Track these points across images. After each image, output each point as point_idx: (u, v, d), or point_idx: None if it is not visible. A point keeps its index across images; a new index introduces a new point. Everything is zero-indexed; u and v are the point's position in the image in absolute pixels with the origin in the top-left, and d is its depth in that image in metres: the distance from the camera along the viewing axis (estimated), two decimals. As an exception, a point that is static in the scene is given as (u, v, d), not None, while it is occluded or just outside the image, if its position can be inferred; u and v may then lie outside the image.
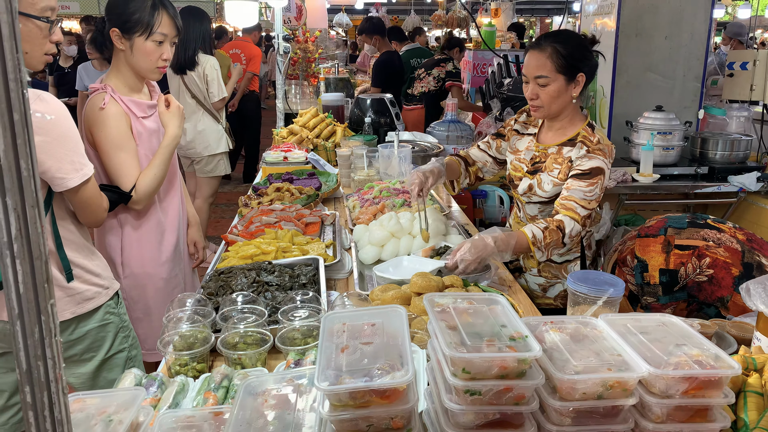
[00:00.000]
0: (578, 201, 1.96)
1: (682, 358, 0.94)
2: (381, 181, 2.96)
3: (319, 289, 1.73)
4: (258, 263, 1.87)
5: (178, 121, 2.15)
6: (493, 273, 1.95)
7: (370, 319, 1.04)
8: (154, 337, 2.22)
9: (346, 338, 1.00)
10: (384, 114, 4.02)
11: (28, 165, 0.74)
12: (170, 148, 2.13)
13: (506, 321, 1.00)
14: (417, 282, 1.64)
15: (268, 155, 3.49)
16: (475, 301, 1.06)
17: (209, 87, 4.29)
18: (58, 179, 1.59)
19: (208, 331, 1.45)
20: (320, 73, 6.24)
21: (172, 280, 2.26)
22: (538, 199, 2.15)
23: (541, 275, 2.26)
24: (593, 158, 1.98)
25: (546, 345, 0.99)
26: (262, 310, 1.52)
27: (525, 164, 2.22)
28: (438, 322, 0.99)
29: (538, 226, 1.95)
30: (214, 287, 1.73)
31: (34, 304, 0.77)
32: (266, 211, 2.45)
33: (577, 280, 1.55)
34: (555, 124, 2.15)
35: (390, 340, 0.98)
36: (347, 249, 2.29)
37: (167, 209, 2.25)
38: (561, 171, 2.07)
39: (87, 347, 1.83)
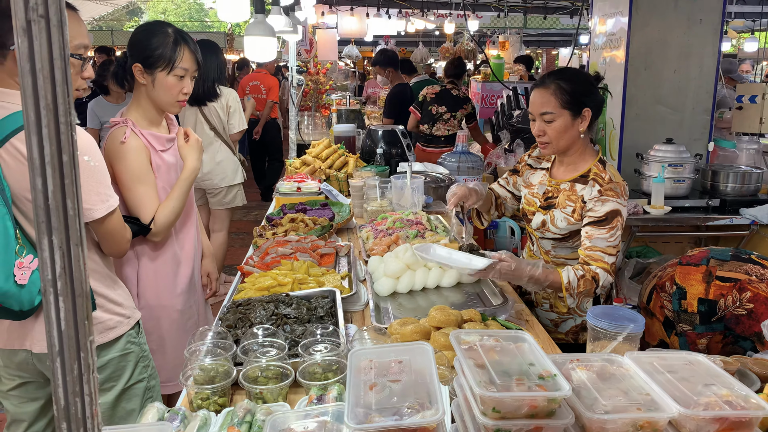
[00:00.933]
0: (603, 250, 1.98)
1: (711, 399, 0.94)
2: (394, 212, 2.98)
3: (337, 322, 1.74)
4: (275, 295, 1.88)
5: (197, 154, 2.19)
6: (511, 307, 1.95)
7: (396, 356, 1.05)
8: (168, 369, 2.22)
9: (373, 375, 1.00)
10: (395, 145, 4.06)
11: (74, 204, 0.76)
12: (189, 181, 2.16)
13: (534, 359, 1.01)
14: (436, 316, 1.64)
15: (281, 185, 3.52)
16: (501, 339, 1.07)
17: (230, 118, 4.34)
18: (85, 210, 1.62)
19: (229, 364, 1.45)
20: (331, 104, 6.34)
21: (187, 312, 2.27)
22: (551, 236, 2.17)
23: (553, 311, 2.26)
24: (607, 201, 1.99)
25: (573, 383, 0.99)
26: (283, 344, 1.52)
27: (538, 199, 2.24)
28: (466, 359, 0.99)
29: (576, 273, 1.97)
30: (233, 319, 1.73)
31: (75, 341, 0.78)
32: (282, 242, 2.46)
33: (596, 315, 1.55)
34: (566, 159, 2.17)
35: (418, 378, 0.99)
36: (362, 281, 2.29)
37: (183, 241, 2.27)
38: (575, 210, 2.08)
39: (108, 376, 1.83)
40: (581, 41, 8.83)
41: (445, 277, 2.19)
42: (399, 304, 2.09)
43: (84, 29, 1.66)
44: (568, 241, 2.15)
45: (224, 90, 4.30)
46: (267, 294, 1.96)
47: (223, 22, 22.37)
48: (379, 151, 4.01)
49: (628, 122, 4.08)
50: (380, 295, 2.14)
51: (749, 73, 9.04)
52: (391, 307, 2.06)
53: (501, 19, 9.57)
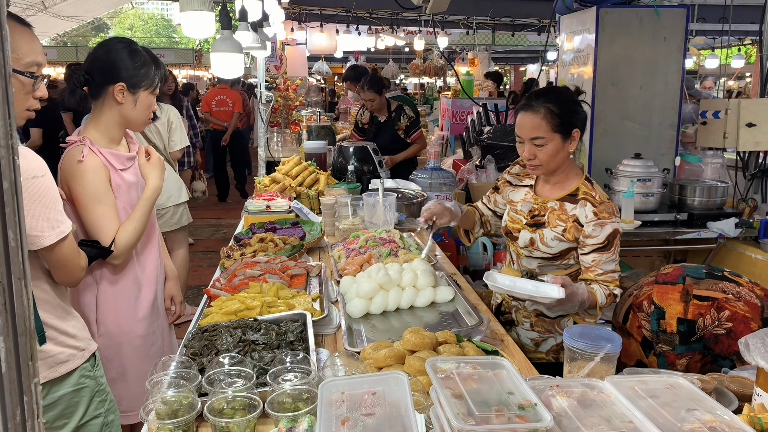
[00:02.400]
0: (613, 270, 2.03)
1: (695, 425, 0.91)
2: (366, 230, 2.93)
3: (308, 347, 1.68)
4: (243, 320, 1.81)
5: (159, 173, 2.12)
6: (486, 326, 1.91)
7: (370, 387, 1.00)
8: (130, 398, 2.12)
9: (345, 409, 0.95)
10: (367, 162, 4.03)
11: (17, 235, 0.69)
12: (151, 201, 2.08)
13: (513, 387, 0.97)
14: (410, 339, 1.60)
15: (250, 204, 3.45)
16: (479, 366, 1.03)
17: (172, 135, 4.25)
18: (32, 237, 1.53)
19: (193, 396, 1.37)
20: (302, 120, 6.30)
21: (149, 338, 2.17)
22: (540, 255, 2.14)
23: (533, 329, 2.23)
24: (605, 225, 2.00)
25: (554, 412, 0.96)
26: (250, 373, 1.45)
27: (523, 216, 2.21)
28: (443, 390, 0.95)
29: (604, 293, 2.00)
30: (198, 347, 1.66)
31: (17, 383, 0.71)
32: (250, 264, 2.40)
33: (573, 335, 1.53)
34: (552, 179, 2.16)
35: (393, 411, 0.94)
36: (334, 302, 2.24)
37: (145, 263, 2.19)
38: (566, 230, 2.06)
39: (59, 414, 1.73)
40: (549, 58, 8.98)
41: (419, 297, 2.15)
42: (372, 325, 2.04)
43: (38, 46, 1.59)
44: (557, 260, 2.13)
45: (164, 107, 4.21)
46: (234, 318, 1.89)
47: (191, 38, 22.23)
48: (350, 168, 3.97)
49: (596, 138, 4.12)
50: (353, 316, 2.09)
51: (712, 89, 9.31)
52: (364, 329, 2.00)
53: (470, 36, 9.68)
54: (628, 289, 2.37)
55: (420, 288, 2.19)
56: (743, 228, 3.68)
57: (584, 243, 2.03)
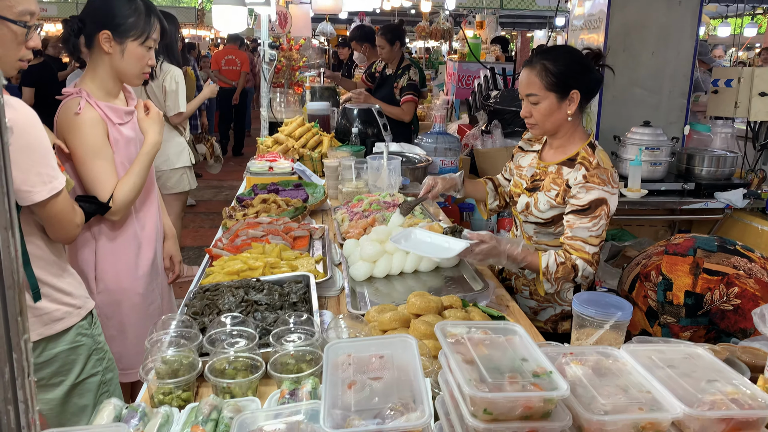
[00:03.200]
0: (585, 240, 1.91)
1: (717, 397, 0.87)
2: (370, 194, 2.88)
3: (311, 309, 1.64)
4: (246, 280, 1.77)
5: (158, 128, 2.05)
6: (492, 292, 1.87)
7: (377, 350, 0.96)
8: (129, 355, 2.10)
9: (352, 372, 0.91)
10: (371, 124, 3.94)
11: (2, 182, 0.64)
12: (150, 156, 2.02)
13: (526, 354, 0.93)
14: (415, 303, 1.56)
15: (252, 165, 3.38)
16: (490, 331, 0.98)
17: (166, 99, 4.09)
18: (23, 192, 1.48)
19: (194, 356, 1.34)
20: (305, 81, 6.16)
21: (149, 296, 2.14)
22: (534, 220, 2.09)
23: (532, 298, 2.20)
24: (592, 189, 1.90)
25: (568, 380, 0.92)
26: (252, 333, 1.42)
27: (525, 181, 2.17)
28: (453, 354, 0.91)
29: (557, 259, 1.91)
30: (200, 306, 1.62)
31: (5, 340, 0.67)
32: (253, 224, 2.35)
33: (583, 302, 1.48)
34: (555, 142, 2.10)
35: (401, 375, 0.90)
36: (337, 265, 2.20)
37: (144, 221, 2.14)
38: (558, 194, 2.00)
39: (56, 371, 1.70)
40: (557, 24, 8.77)
41: (424, 261, 2.11)
42: (375, 288, 2.00)
43: None
44: (551, 226, 2.08)
45: (165, 67, 4.04)
46: (237, 278, 1.85)
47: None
48: (354, 131, 3.88)
49: (605, 105, 4.03)
50: (356, 279, 2.05)
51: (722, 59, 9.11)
52: (368, 292, 1.97)
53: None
54: (635, 257, 2.32)
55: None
56: (751, 199, 3.62)
57: (568, 203, 1.97)
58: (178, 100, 4.13)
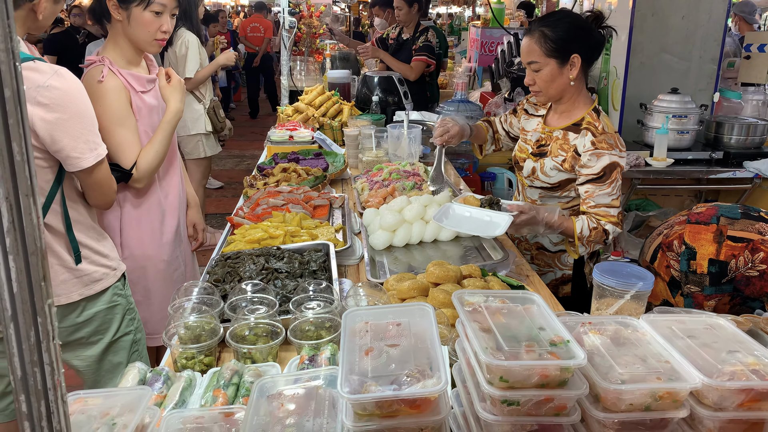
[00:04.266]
0: (608, 205, 1.97)
1: (737, 367, 0.86)
2: (390, 163, 2.87)
3: (331, 277, 1.66)
4: (266, 248, 1.79)
5: (179, 95, 2.06)
6: (511, 262, 1.87)
7: (395, 318, 0.96)
8: (154, 321, 2.15)
9: (369, 339, 0.92)
10: (392, 93, 3.90)
11: (22, 148, 0.64)
12: (172, 124, 2.04)
13: (544, 323, 0.92)
14: (434, 272, 1.56)
15: (273, 134, 3.38)
16: (508, 300, 0.98)
17: (177, 65, 4.13)
18: (73, 159, 1.54)
19: (216, 322, 1.37)
20: (325, 49, 6.11)
21: (173, 263, 2.18)
22: (540, 184, 2.13)
23: (534, 262, 2.25)
24: (602, 155, 1.95)
25: (586, 349, 0.91)
26: (273, 300, 1.44)
27: (530, 146, 2.20)
28: (470, 323, 0.91)
29: (589, 224, 1.96)
30: (221, 273, 1.65)
31: (30, 305, 0.68)
32: (273, 193, 2.36)
33: (603, 272, 1.47)
34: (559, 107, 2.13)
35: (418, 342, 0.90)
36: (357, 233, 2.21)
37: (167, 189, 2.17)
38: (566, 160, 2.03)
39: (95, 330, 1.78)
40: (584, -13, 8.49)
41: (443, 231, 2.11)
42: (395, 258, 2.01)
43: None
44: (557, 191, 2.12)
45: (180, 33, 4.05)
46: (257, 247, 1.87)
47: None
48: (375, 99, 3.86)
49: (632, 71, 3.92)
50: (375, 248, 2.06)
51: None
52: (387, 261, 1.98)
53: (502, -38, 9.16)
54: (657, 227, 2.29)
55: (444, 221, 2.14)
56: (781, 168, 3.52)
57: (580, 173, 2.01)
58: (185, 65, 4.14)
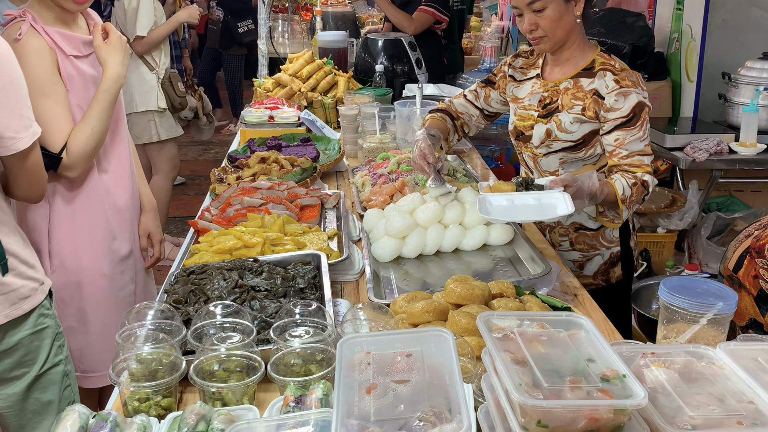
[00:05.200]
0: (642, 152, 2.12)
1: (840, 409, 0.88)
2: (399, 151, 2.90)
3: (322, 296, 1.68)
4: (240, 260, 1.82)
5: (120, 57, 2.07)
6: (555, 277, 1.89)
7: (404, 347, 0.99)
8: (91, 354, 2.17)
9: (372, 373, 0.94)
10: (401, 60, 3.94)
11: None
12: (111, 94, 2.05)
13: (594, 353, 0.94)
14: (455, 290, 1.58)
15: (248, 114, 3.42)
16: (548, 324, 1.00)
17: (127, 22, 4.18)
18: (6, 140, 1.58)
19: (176, 353, 1.39)
20: (315, 4, 6.16)
21: (118, 279, 2.19)
22: (560, 145, 2.24)
23: (574, 248, 2.35)
24: (629, 94, 2.10)
25: (648, 386, 0.93)
26: (249, 326, 1.46)
27: (533, 109, 2.31)
28: (500, 353, 0.93)
29: (628, 181, 2.07)
30: (183, 292, 1.68)
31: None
32: (248, 190, 2.39)
33: (672, 289, 1.48)
34: (562, 56, 2.25)
35: (434, 378, 0.93)
36: (356, 241, 2.23)
37: (112, 181, 2.18)
38: (587, 108, 2.16)
39: (18, 361, 1.80)
40: None
41: (467, 238, 2.13)
42: (405, 272, 2.03)
43: None
44: (581, 149, 2.23)
45: None
46: (229, 258, 1.90)
47: None
48: (379, 69, 3.88)
49: (711, 31, 3.94)
50: (380, 260, 2.08)
51: None
52: (395, 276, 2.00)
53: None
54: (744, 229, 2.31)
55: (468, 226, 2.16)
56: None
57: (605, 119, 2.14)
58: (135, 20, 4.19)
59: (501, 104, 2.51)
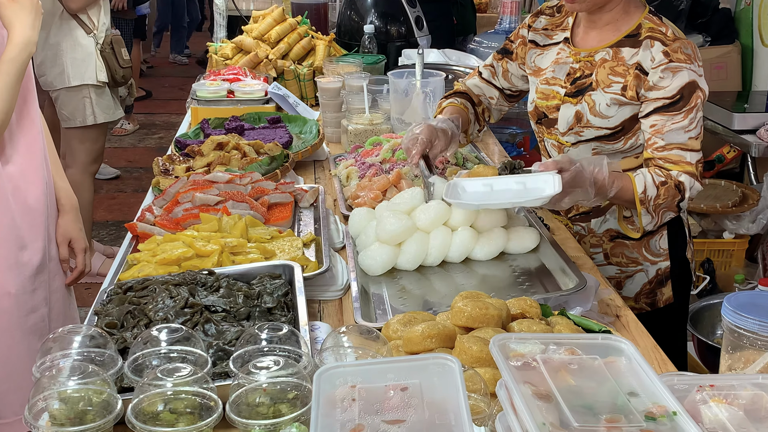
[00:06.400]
0: (683, 145, 2.09)
1: None
2: (393, 134, 2.91)
3: (296, 319, 1.70)
4: (191, 273, 1.83)
5: (30, 19, 2.07)
6: (592, 293, 1.90)
7: (398, 379, 1.00)
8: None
9: (358, 412, 0.96)
10: (396, 19, 3.96)
11: None
12: (18, 63, 2.05)
13: (637, 385, 0.96)
14: (465, 309, 1.59)
15: (200, 87, 3.43)
16: (579, 349, 1.02)
17: None
18: None
19: (110, 390, 1.41)
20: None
21: (28, 299, 2.19)
22: (593, 133, 2.23)
23: (610, 262, 2.35)
24: (679, 71, 2.09)
25: (705, 426, 0.95)
26: (203, 356, 1.48)
27: (559, 85, 2.29)
28: (519, 385, 0.95)
29: (655, 179, 2.06)
30: (118, 314, 1.69)
31: None
32: (202, 184, 2.40)
33: (738, 307, 1.51)
34: (602, 18, 2.23)
35: (435, 417, 0.95)
36: (339, 249, 2.25)
37: (19, 175, 2.18)
38: (627, 86, 2.14)
39: None
40: None
41: (480, 245, 2.14)
42: (401, 288, 2.05)
43: None
44: (619, 140, 2.22)
45: None
46: (177, 271, 1.91)
47: None
48: (368, 30, 3.90)
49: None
50: (370, 273, 2.10)
51: None
52: (388, 293, 2.02)
53: None
54: None
55: (481, 229, 2.18)
56: None
57: (645, 98, 2.12)
58: None
59: (524, 80, 2.50)
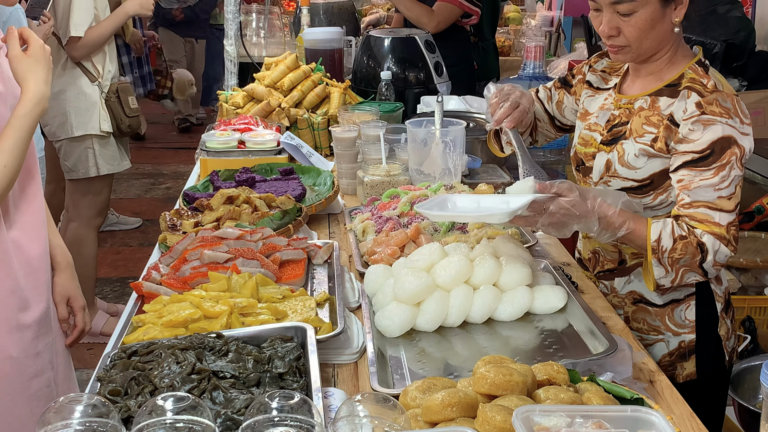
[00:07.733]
0: (711, 204, 2.08)
1: None
2: (412, 186, 2.92)
3: (309, 386, 1.70)
4: (199, 336, 1.84)
5: (43, 74, 2.09)
6: (627, 358, 1.89)
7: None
8: None
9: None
10: (415, 65, 3.99)
11: None
12: (31, 119, 2.06)
13: (671, 462, 0.96)
14: (488, 375, 1.59)
15: (209, 138, 3.45)
16: (608, 423, 1.02)
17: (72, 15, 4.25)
18: None
19: (112, 463, 1.41)
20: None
21: (30, 364, 2.19)
22: (620, 184, 2.25)
23: (632, 327, 2.32)
24: (711, 124, 2.07)
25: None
26: (210, 426, 1.48)
27: (598, 132, 2.32)
28: (544, 463, 0.94)
29: (674, 230, 2.06)
30: (122, 381, 1.69)
31: None
32: (211, 241, 2.42)
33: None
34: (647, 68, 2.28)
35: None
36: (355, 309, 2.25)
37: (22, 234, 2.20)
38: (658, 137, 2.16)
39: None
40: None
41: (504, 304, 2.14)
42: (420, 350, 2.05)
43: None
44: (648, 194, 2.23)
45: None
46: (184, 334, 1.92)
47: None
48: (385, 77, 3.93)
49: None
50: (387, 335, 2.10)
51: None
52: (407, 356, 2.02)
53: None
54: None
55: (506, 288, 2.18)
56: None
57: (675, 150, 2.13)
58: (69, 18, 4.26)
59: (575, 115, 2.52)
